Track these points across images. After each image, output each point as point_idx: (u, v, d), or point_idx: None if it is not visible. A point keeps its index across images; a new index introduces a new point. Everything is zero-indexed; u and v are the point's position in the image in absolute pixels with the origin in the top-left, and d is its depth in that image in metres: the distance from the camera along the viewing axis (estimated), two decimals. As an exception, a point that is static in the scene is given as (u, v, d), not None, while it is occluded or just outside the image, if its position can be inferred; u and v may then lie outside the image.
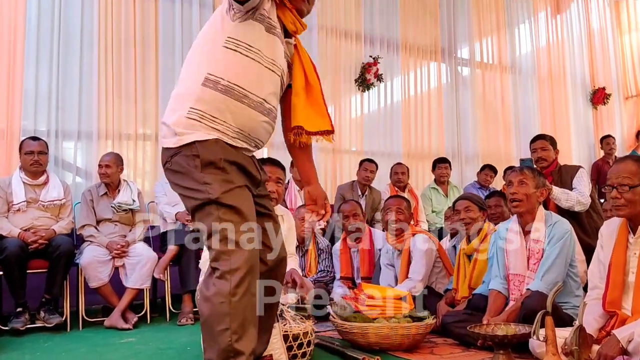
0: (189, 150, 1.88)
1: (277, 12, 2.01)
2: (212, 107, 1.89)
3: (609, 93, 8.90)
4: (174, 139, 1.90)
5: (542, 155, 4.05)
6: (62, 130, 4.95)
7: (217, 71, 1.90)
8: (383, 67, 6.77)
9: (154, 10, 5.36)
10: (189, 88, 1.93)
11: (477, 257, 3.38)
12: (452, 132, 7.41)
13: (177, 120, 1.90)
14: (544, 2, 8.58)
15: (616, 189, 2.32)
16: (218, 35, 1.94)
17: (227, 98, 1.89)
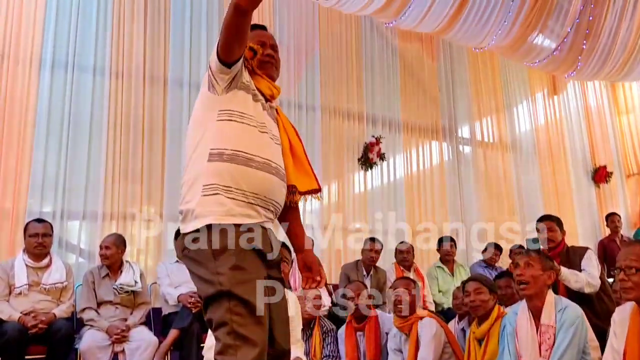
0: (204, 236, 1.86)
1: (253, 81, 2.09)
2: (224, 178, 1.89)
3: (610, 171, 8.97)
4: (192, 222, 1.89)
5: (549, 236, 4.01)
6: (68, 211, 4.98)
7: (218, 144, 1.93)
8: (385, 146, 6.88)
9: (163, 95, 5.53)
10: (196, 170, 1.94)
11: (489, 342, 3.28)
12: (456, 210, 7.41)
13: (194, 201, 1.90)
14: (541, 83, 8.83)
15: (624, 271, 2.31)
16: (209, 113, 1.98)
17: (234, 166, 1.91)
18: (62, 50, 5.17)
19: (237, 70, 1.97)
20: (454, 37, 6.61)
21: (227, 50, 1.91)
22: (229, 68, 1.94)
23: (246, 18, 1.85)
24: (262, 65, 2.14)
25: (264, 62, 2.14)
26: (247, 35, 1.95)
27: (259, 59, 2.13)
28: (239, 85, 2.00)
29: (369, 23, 7.15)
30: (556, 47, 6.78)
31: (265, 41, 2.17)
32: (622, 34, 6.59)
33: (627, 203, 9.19)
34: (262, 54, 2.14)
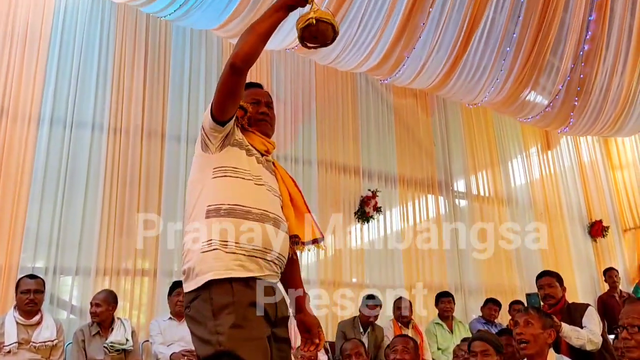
0: (205, 294, 1.84)
1: (245, 138, 2.11)
2: (222, 233, 1.89)
3: (606, 225, 8.98)
4: (193, 281, 1.88)
5: (549, 292, 3.96)
6: (60, 266, 4.91)
7: (215, 200, 1.94)
8: (382, 200, 6.88)
9: (160, 150, 5.56)
10: (196, 230, 1.93)
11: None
12: (454, 265, 7.35)
13: (194, 260, 1.89)
14: (534, 139, 8.94)
15: (626, 329, 2.27)
16: (204, 172, 2.01)
17: (232, 219, 1.90)
18: (61, 106, 5.23)
19: (230, 128, 2.01)
20: (447, 93, 6.74)
21: (221, 109, 1.95)
22: (222, 126, 1.98)
23: (241, 77, 1.91)
24: (256, 123, 2.18)
25: (258, 120, 2.19)
26: (241, 95, 2.01)
27: (253, 117, 2.17)
28: (232, 142, 2.03)
29: (364, 79, 7.30)
30: (548, 103, 6.91)
31: (260, 99, 2.22)
32: (612, 91, 6.73)
33: (624, 258, 9.14)
34: (257, 111, 2.19)
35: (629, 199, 9.39)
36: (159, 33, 5.89)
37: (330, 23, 1.96)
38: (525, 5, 5.78)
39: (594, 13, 6.03)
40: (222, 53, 6.22)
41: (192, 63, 6.00)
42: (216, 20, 5.20)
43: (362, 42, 5.64)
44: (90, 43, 5.49)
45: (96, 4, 5.54)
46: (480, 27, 5.78)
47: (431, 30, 5.71)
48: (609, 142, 9.69)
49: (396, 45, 5.70)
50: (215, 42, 6.18)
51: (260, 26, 1.94)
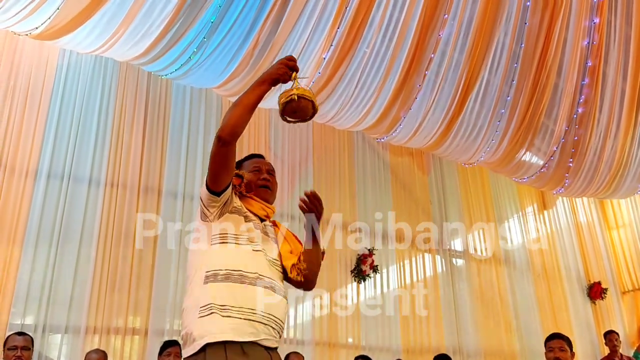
0: (201, 357, 1.84)
1: (244, 204, 2.16)
2: (219, 297, 1.90)
3: (605, 287, 8.88)
4: (191, 346, 1.88)
5: (560, 357, 3.78)
6: (50, 324, 4.79)
7: (213, 265, 1.96)
8: (378, 258, 6.82)
9: (156, 206, 5.54)
10: (194, 295, 1.96)
11: None
12: (451, 325, 7.21)
13: (192, 325, 1.89)
14: (530, 199, 8.97)
15: None
16: (204, 241, 2.04)
17: (229, 284, 1.92)
18: (59, 161, 5.24)
19: (227, 197, 2.06)
20: (443, 152, 6.81)
21: (215, 180, 2.02)
22: (218, 196, 2.03)
23: (229, 148, 1.98)
24: (257, 190, 2.23)
25: (259, 187, 2.24)
26: (233, 164, 2.08)
27: (254, 183, 2.23)
28: (230, 210, 2.08)
29: (361, 138, 7.37)
30: (543, 164, 6.98)
31: (261, 167, 2.29)
32: (607, 153, 6.81)
33: (624, 320, 9.00)
34: (259, 178, 2.25)
35: (627, 260, 9.34)
36: (159, 90, 5.97)
37: (310, 100, 2.05)
38: (518, 69, 5.93)
39: (587, 77, 6.18)
40: (221, 111, 6.30)
41: (191, 120, 6.07)
42: (216, 80, 5.31)
43: (359, 102, 5.74)
44: (91, 99, 5.56)
45: (99, 61, 5.64)
46: (476, 88, 5.90)
47: (427, 91, 5.83)
48: (604, 203, 9.72)
49: (393, 105, 5.80)
50: (214, 100, 6.27)
51: (246, 99, 2.02)
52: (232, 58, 5.06)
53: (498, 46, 5.73)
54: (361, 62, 5.40)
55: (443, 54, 5.61)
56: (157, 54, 4.88)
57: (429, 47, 5.50)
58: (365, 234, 7.02)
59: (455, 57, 5.68)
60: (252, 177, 2.24)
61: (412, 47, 5.39)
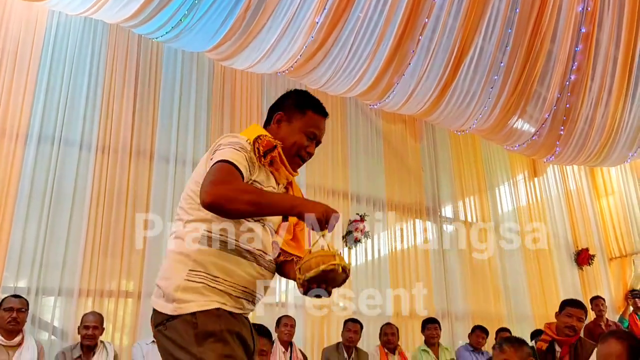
0: (188, 316, 1.71)
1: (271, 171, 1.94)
2: (213, 266, 1.77)
3: (592, 254, 9.03)
4: (170, 305, 1.74)
5: (576, 326, 3.72)
6: (43, 287, 4.82)
7: (214, 228, 1.80)
8: (370, 224, 6.88)
9: (148, 169, 5.53)
10: (186, 249, 1.80)
11: None
12: (441, 290, 7.33)
13: (176, 284, 1.75)
14: (521, 166, 9.02)
15: None
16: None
17: (227, 255, 1.79)
18: (49, 124, 5.20)
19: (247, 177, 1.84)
20: (436, 119, 6.80)
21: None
22: None
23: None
24: (292, 158, 1.98)
25: (298, 156, 1.99)
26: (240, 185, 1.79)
27: (296, 151, 1.98)
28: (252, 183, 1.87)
29: (354, 104, 7.35)
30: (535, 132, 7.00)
31: (318, 136, 2.03)
32: (598, 121, 6.83)
33: (610, 286, 9.17)
34: (305, 148, 1.99)
35: (615, 227, 9.47)
36: (150, 53, 5.90)
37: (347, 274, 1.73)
38: (513, 35, 5.89)
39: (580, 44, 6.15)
40: (212, 75, 6.24)
41: (182, 84, 6.01)
42: (208, 43, 5.24)
43: (352, 67, 5.69)
44: (80, 61, 5.49)
45: (88, 23, 5.55)
46: (469, 55, 5.86)
47: (421, 57, 5.78)
48: (595, 171, 9.79)
49: (386, 71, 5.76)
50: (206, 63, 6.20)
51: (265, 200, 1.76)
52: (223, 21, 4.98)
53: (493, 11, 5.68)
54: (354, 26, 5.34)
55: (437, 18, 5.56)
56: (147, 16, 4.80)
57: (423, 11, 5.44)
58: (357, 200, 7.06)
59: (450, 23, 5.62)
60: (300, 141, 1.98)
61: (406, 11, 5.32)
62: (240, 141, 1.85)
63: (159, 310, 1.78)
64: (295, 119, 2.00)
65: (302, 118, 2.00)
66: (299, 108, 2.02)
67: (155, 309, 1.80)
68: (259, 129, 1.97)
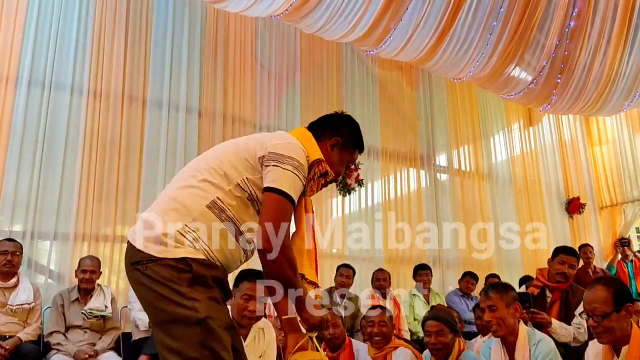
0: (176, 263, 1.75)
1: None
2: (208, 234, 1.82)
3: (583, 202, 9.12)
4: (156, 246, 1.77)
5: (567, 272, 3.77)
6: (38, 231, 4.86)
7: (227, 202, 1.87)
8: (364, 172, 6.89)
9: (141, 115, 5.48)
10: (191, 203, 1.84)
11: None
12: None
13: (168, 230, 1.79)
14: (517, 115, 8.98)
15: (592, 318, 2.31)
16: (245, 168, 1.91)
17: (224, 230, 1.85)
18: (39, 67, 5.10)
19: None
20: (433, 67, 6.70)
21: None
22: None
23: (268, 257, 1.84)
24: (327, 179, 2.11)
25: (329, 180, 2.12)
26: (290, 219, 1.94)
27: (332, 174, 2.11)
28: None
29: (350, 50, 7.23)
30: (532, 80, 6.92)
31: (351, 162, 2.26)
32: (595, 69, 6.75)
33: (599, 235, 9.32)
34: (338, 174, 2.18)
35: (607, 177, 9.53)
36: (141, -5, 5.74)
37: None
38: (513, -21, 5.74)
39: (582, -11, 6.01)
40: (205, 19, 6.10)
41: (174, 28, 5.88)
42: (200, -16, 5.09)
43: (348, 12, 5.55)
44: (70, 3, 5.34)
45: (77, -38, 5.37)
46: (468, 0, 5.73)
47: (419, 3, 5.64)
48: (590, 120, 9.77)
49: (383, 16, 5.62)
50: (199, 6, 6.05)
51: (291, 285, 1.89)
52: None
53: (494, -46, 5.52)
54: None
55: (436, -38, 5.40)
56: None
57: (422, -47, 5.28)
58: (352, 147, 7.02)
59: (449, -34, 5.47)
60: (341, 171, 2.21)
61: (404, -47, 5.16)
62: (300, 160, 1.94)
63: (140, 249, 1.79)
64: (346, 152, 2.20)
65: (351, 154, 2.23)
66: (352, 144, 2.23)
67: (133, 245, 1.81)
68: (314, 144, 2.08)
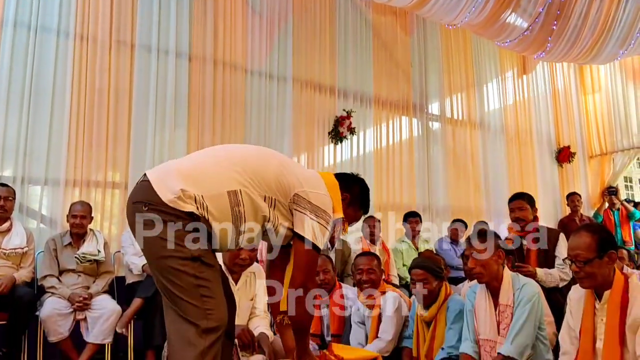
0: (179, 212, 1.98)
1: None
2: (216, 210, 2.01)
3: (573, 151, 9.17)
4: (170, 194, 1.98)
5: (520, 216, 3.99)
6: (29, 176, 4.83)
7: (246, 197, 2.05)
8: (356, 120, 6.86)
9: (130, 59, 5.36)
10: (215, 183, 2.04)
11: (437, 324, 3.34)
12: (423, 186, 7.49)
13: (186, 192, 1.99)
14: (511, 62, 8.90)
15: (575, 263, 2.35)
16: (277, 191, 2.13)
17: (228, 216, 2.03)
18: (25, 9, 4.95)
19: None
20: (428, 12, 6.57)
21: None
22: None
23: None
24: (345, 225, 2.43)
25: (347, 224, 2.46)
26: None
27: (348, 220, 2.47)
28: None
29: (344, -6, 7.07)
30: (527, 27, 6.82)
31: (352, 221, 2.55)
32: (591, 16, 6.66)
33: (588, 183, 9.43)
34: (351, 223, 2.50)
35: (598, 125, 9.57)
36: None
37: None
38: None
39: None
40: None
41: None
42: None
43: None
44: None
45: None
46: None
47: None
48: (583, 69, 9.72)
49: (377, -42, 5.48)
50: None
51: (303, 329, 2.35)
52: None
53: None
54: None
55: None
56: None
57: None
58: (343, 95, 6.98)
59: None
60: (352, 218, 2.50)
61: None
62: (331, 216, 2.23)
63: (158, 193, 2.00)
64: (353, 209, 2.48)
65: (355, 212, 2.51)
66: (359, 205, 2.52)
67: (154, 188, 2.02)
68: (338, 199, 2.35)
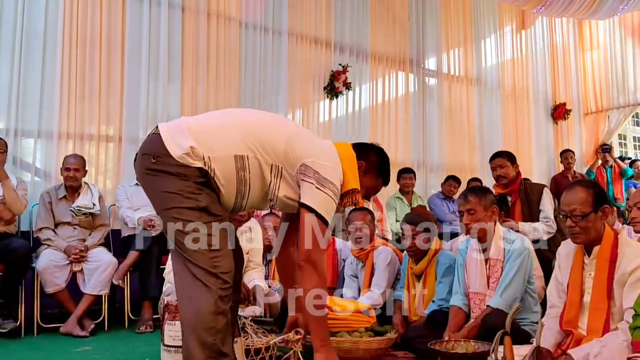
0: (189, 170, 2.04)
1: None
2: (219, 170, 2.07)
3: (569, 109, 9.15)
4: (179, 150, 2.02)
5: (501, 173, 4.07)
6: (22, 129, 4.78)
7: (253, 162, 2.11)
8: (352, 75, 6.78)
9: (121, 10, 5.23)
10: (222, 146, 2.08)
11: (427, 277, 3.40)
12: (418, 142, 7.48)
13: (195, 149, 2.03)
14: (510, 17, 8.76)
15: (570, 218, 2.36)
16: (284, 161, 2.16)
17: (232, 180, 2.09)
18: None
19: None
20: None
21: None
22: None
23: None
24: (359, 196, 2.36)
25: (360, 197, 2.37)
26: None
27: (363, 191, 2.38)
28: None
29: (341, -57, 6.87)
30: (528, -21, 6.69)
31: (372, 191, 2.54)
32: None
33: (582, 141, 9.45)
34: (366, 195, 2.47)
35: (595, 82, 9.51)
36: None
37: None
38: None
39: None
40: None
41: None
42: None
43: None
44: None
45: None
46: None
47: None
48: (583, 24, 9.58)
49: None
50: None
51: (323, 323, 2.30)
52: None
53: None
54: None
55: None
56: None
57: None
58: (339, 50, 6.88)
59: None
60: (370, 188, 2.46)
61: None
62: (339, 187, 2.22)
63: (167, 148, 2.04)
64: (370, 177, 2.44)
65: (373, 181, 2.46)
66: (376, 172, 2.47)
67: (164, 143, 2.05)
68: (355, 170, 2.32)
